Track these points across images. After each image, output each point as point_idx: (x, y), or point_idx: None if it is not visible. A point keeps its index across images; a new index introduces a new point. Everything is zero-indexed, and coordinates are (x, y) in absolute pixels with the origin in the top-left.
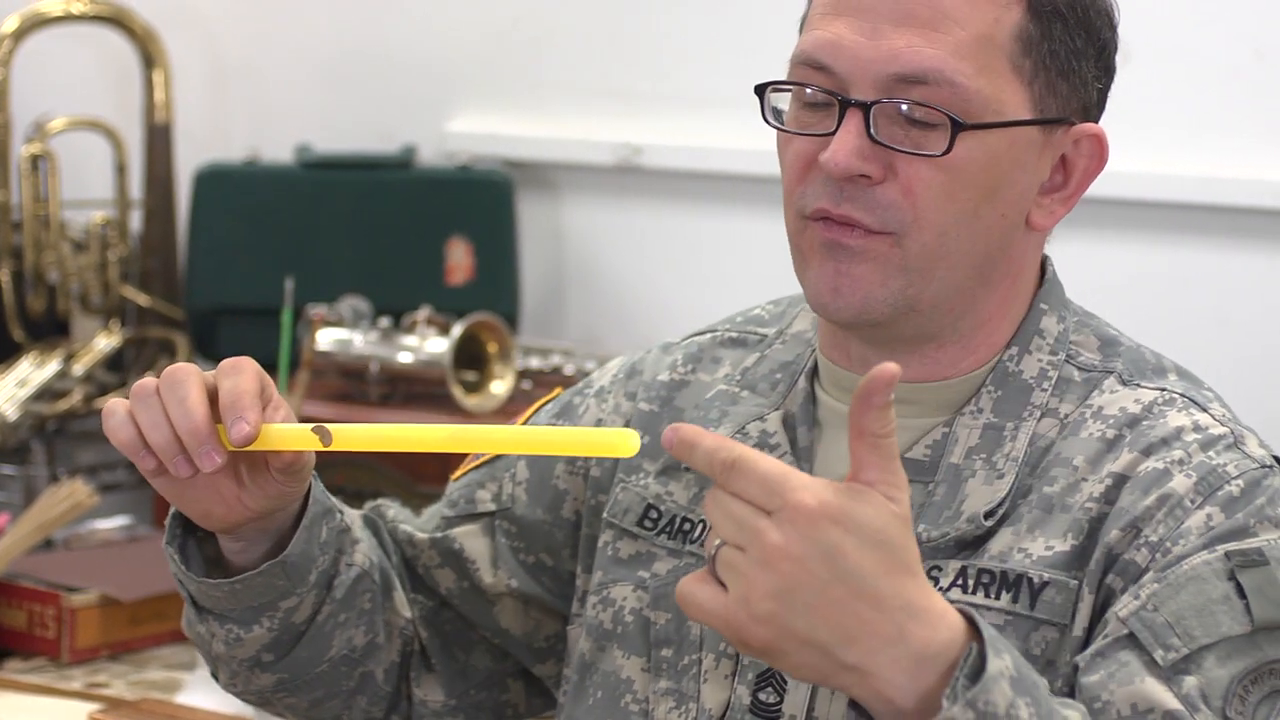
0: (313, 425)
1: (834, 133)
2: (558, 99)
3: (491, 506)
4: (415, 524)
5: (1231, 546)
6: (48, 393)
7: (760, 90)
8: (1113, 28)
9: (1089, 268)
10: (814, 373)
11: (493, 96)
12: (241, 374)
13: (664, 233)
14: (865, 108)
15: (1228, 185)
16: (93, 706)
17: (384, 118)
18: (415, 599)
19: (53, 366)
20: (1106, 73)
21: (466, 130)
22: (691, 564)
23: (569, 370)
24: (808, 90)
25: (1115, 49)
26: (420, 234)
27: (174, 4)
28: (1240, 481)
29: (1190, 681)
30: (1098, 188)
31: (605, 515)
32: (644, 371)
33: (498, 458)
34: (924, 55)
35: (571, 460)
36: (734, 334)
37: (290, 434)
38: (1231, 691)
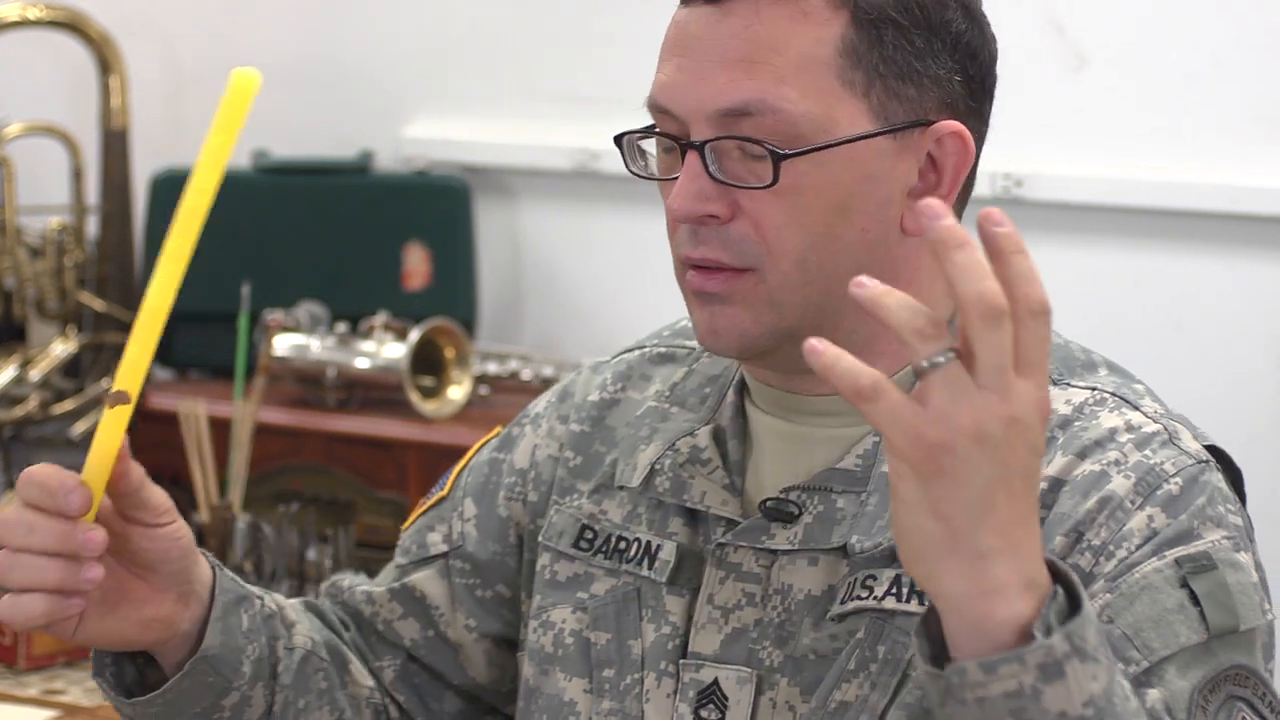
0: (109, 399)
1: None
2: (515, 104)
3: (444, 547)
4: (373, 582)
5: (1180, 552)
6: (4, 399)
7: (619, 140)
8: (969, 16)
9: (1045, 271)
10: (742, 385)
11: (450, 102)
12: (32, 478)
13: (621, 238)
14: (699, 148)
15: (1184, 190)
16: (50, 713)
17: (341, 123)
18: (382, 666)
19: (9, 372)
20: (972, 60)
21: (423, 136)
22: (630, 583)
23: (526, 375)
24: (656, 135)
25: (977, 33)
26: (377, 239)
27: (131, 10)
28: (1179, 479)
29: (1154, 695)
30: (1053, 192)
31: (540, 539)
32: (575, 394)
33: (444, 499)
34: (744, 88)
35: (510, 487)
36: (662, 349)
37: (98, 448)
38: (1194, 703)
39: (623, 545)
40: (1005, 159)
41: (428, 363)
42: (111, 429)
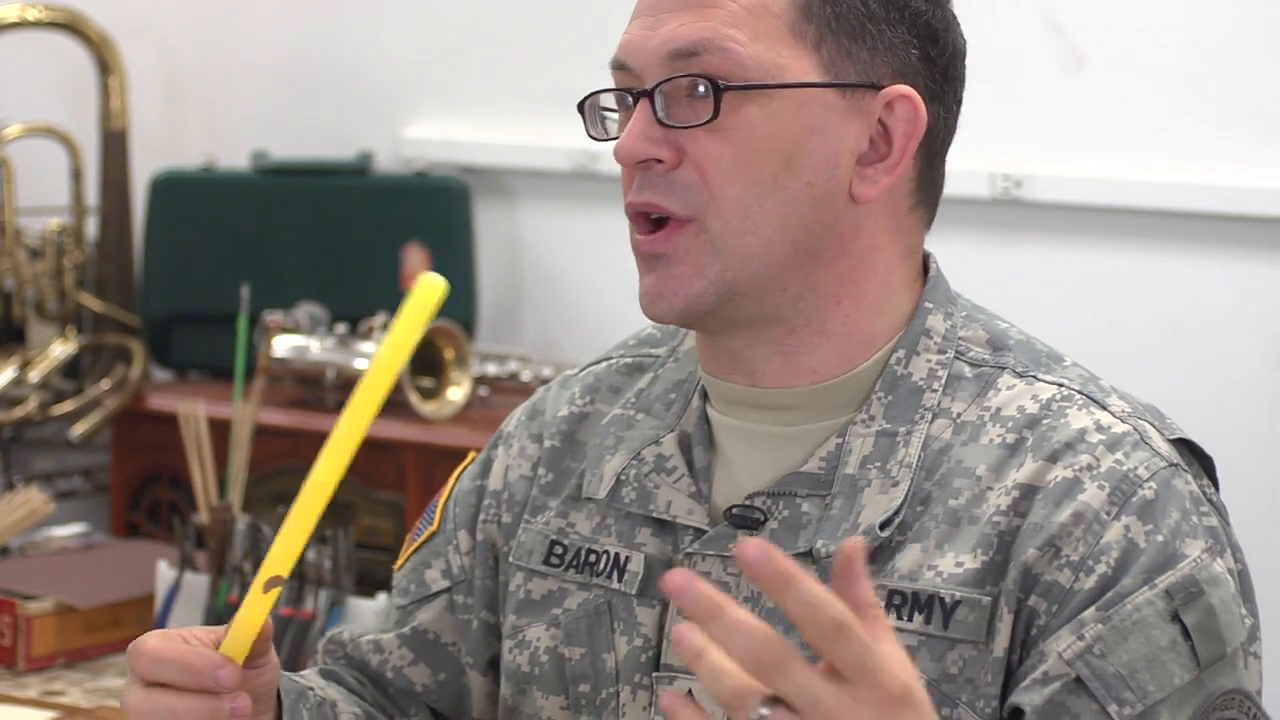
0: (265, 583)
1: None
2: (514, 105)
3: (445, 583)
4: (375, 628)
5: (1169, 581)
6: (3, 400)
7: (581, 106)
8: (932, 0)
9: (1043, 272)
10: (706, 390)
11: (449, 103)
12: (164, 657)
13: (620, 239)
14: (649, 94)
15: (1182, 190)
16: (49, 715)
17: (340, 124)
18: None
19: (8, 373)
20: (932, 41)
21: (423, 136)
22: (600, 596)
23: (526, 376)
24: (615, 92)
25: (940, 17)
26: (377, 240)
27: (130, 11)
28: (1153, 484)
29: None
30: (1051, 193)
31: (511, 560)
32: (545, 411)
33: (434, 535)
34: (693, 28)
35: (486, 509)
36: (629, 359)
37: (244, 624)
38: None
39: (592, 558)
40: (1004, 160)
41: (427, 364)
42: (259, 609)
